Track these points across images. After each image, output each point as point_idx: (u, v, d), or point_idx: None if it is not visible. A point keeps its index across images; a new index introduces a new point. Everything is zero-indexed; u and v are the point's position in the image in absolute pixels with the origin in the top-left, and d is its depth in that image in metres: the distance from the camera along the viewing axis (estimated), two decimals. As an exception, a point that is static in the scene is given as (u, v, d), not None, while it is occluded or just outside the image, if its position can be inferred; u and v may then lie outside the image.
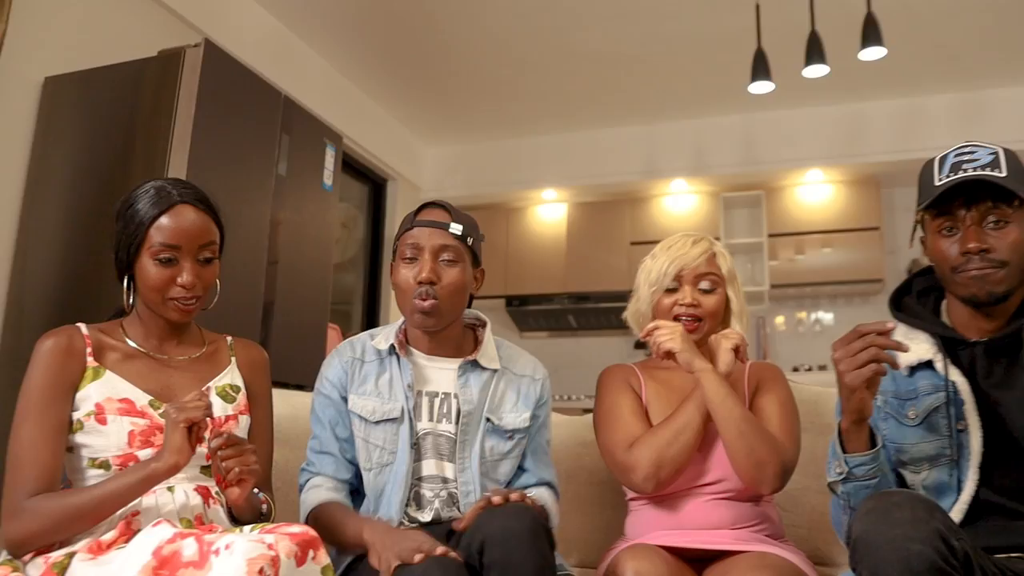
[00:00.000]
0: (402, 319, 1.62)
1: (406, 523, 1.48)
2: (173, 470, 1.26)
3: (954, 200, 1.30)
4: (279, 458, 1.66)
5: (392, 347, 1.57)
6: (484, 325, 1.66)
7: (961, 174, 1.29)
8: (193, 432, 1.26)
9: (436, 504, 1.49)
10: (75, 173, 2.80)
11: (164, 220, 1.37)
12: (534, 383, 1.63)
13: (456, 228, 1.54)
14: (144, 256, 1.38)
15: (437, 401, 1.55)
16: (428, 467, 1.51)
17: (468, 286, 1.57)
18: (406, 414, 1.51)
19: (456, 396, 1.54)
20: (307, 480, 1.55)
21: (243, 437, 1.46)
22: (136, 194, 1.42)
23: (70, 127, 2.86)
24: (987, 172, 1.28)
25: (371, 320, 5.57)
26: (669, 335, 1.60)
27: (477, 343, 1.62)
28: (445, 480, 1.51)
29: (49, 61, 2.94)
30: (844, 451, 1.29)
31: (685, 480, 1.59)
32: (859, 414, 1.26)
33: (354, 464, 1.54)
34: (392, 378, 1.55)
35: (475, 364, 1.58)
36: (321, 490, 1.51)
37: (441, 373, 1.57)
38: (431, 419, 1.53)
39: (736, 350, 1.62)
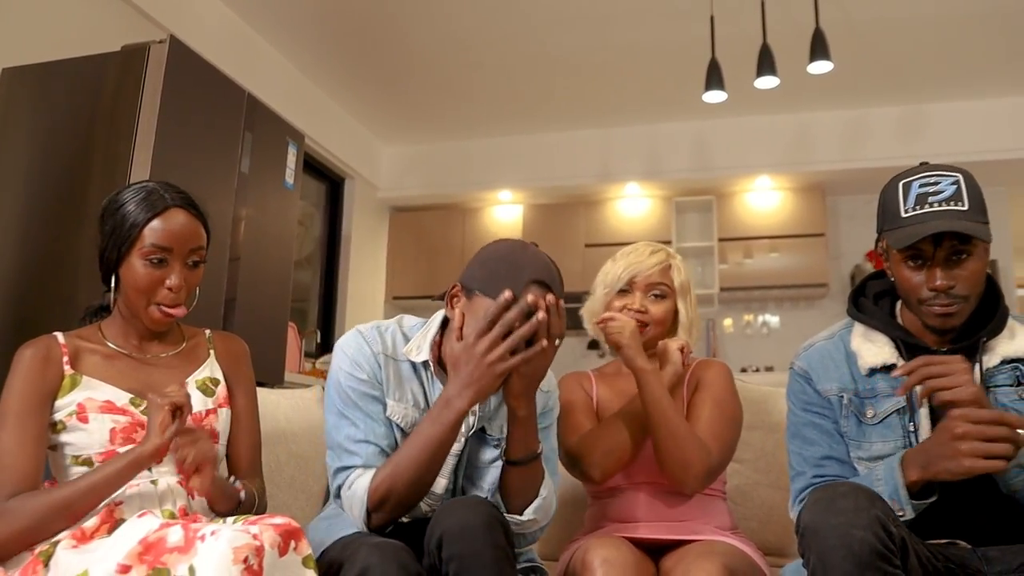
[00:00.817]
0: (436, 328, 1.49)
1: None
2: (158, 452, 1.27)
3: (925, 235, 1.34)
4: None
5: (427, 363, 1.47)
6: None
7: (927, 208, 1.35)
8: (176, 418, 1.29)
9: (430, 516, 1.43)
10: (33, 168, 2.76)
11: (157, 223, 1.39)
12: (541, 393, 1.49)
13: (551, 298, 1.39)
14: (134, 257, 1.39)
15: None
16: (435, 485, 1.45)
17: None
18: None
19: (473, 412, 1.46)
20: (347, 476, 1.37)
21: (222, 431, 1.49)
22: (125, 195, 1.43)
23: (28, 120, 2.83)
24: (952, 206, 1.34)
25: (327, 318, 5.57)
26: (619, 328, 1.67)
27: None
28: (433, 494, 1.46)
29: (7, 52, 2.90)
30: (912, 497, 1.28)
31: (643, 475, 1.67)
32: (942, 480, 1.25)
33: None
34: (427, 393, 1.47)
35: None
36: (372, 473, 1.37)
37: None
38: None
39: (681, 350, 1.72)
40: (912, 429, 1.40)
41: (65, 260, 2.60)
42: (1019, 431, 1.19)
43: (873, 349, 1.46)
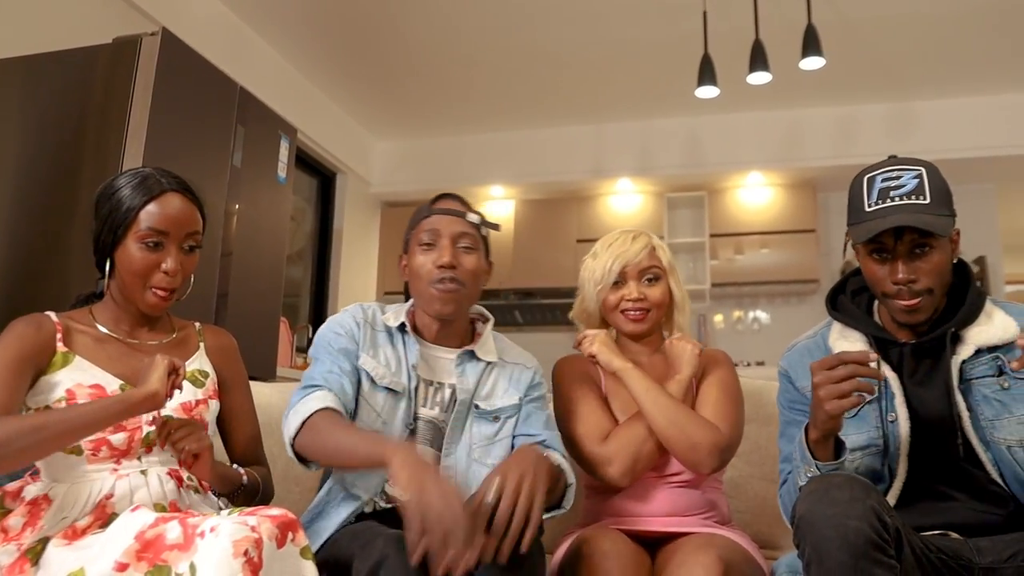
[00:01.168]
0: (410, 302, 1.64)
1: (380, 502, 1.50)
2: (150, 400, 1.26)
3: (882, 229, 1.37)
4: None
5: (403, 325, 1.58)
6: (486, 321, 1.69)
7: (888, 203, 1.38)
8: (170, 379, 1.28)
9: None
10: (23, 161, 2.74)
11: (153, 206, 1.39)
12: (526, 370, 1.66)
13: (473, 217, 1.57)
14: (130, 240, 1.39)
15: (432, 389, 1.57)
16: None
17: (483, 274, 1.60)
18: (408, 393, 1.53)
19: (452, 386, 1.57)
20: (306, 392, 1.43)
21: (211, 421, 1.49)
22: (120, 180, 1.43)
23: (18, 113, 2.80)
24: (913, 200, 1.36)
25: (318, 313, 5.55)
26: (590, 342, 1.72)
27: (475, 336, 1.65)
28: None
29: (-4, 44, 2.88)
30: (815, 458, 1.33)
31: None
32: (831, 432, 1.31)
33: (354, 404, 1.49)
34: (399, 356, 1.56)
35: (472, 355, 1.60)
36: (328, 396, 1.42)
37: (440, 362, 1.59)
38: (424, 405, 1.55)
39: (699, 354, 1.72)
40: (891, 419, 1.42)
41: (56, 254, 2.59)
42: (871, 364, 1.25)
43: (846, 345, 1.48)
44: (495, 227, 1.62)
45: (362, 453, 1.30)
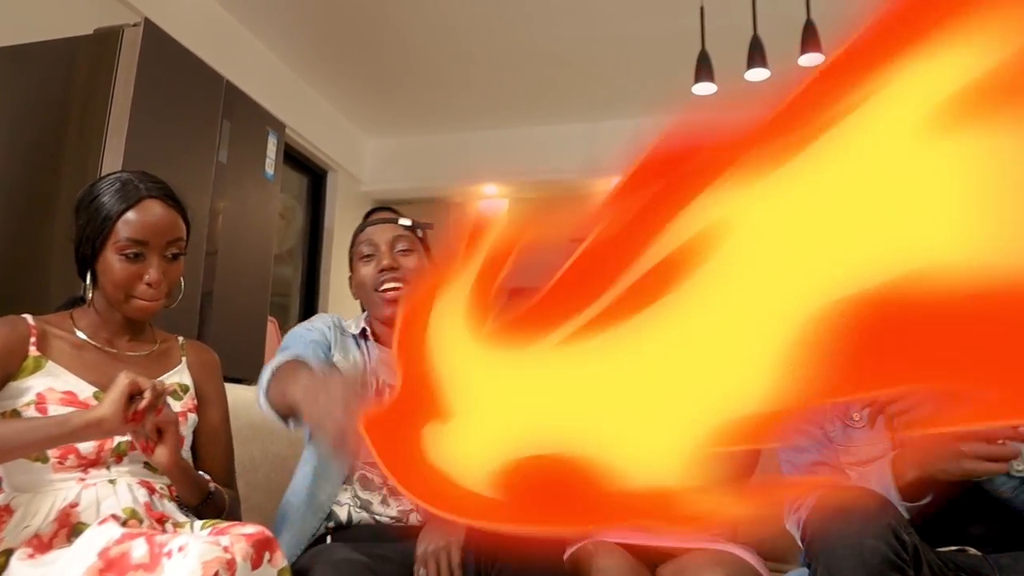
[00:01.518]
0: (366, 313, 1.70)
1: (352, 508, 1.53)
2: (95, 426, 1.16)
3: None
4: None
5: (364, 331, 1.66)
6: None
7: None
8: (132, 405, 1.18)
9: (384, 490, 1.55)
10: None
11: (131, 215, 1.33)
12: None
13: (405, 220, 1.67)
14: (109, 251, 1.33)
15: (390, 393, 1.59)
16: None
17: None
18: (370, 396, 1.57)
19: None
20: (277, 360, 1.44)
21: (187, 435, 1.43)
22: (100, 186, 1.37)
23: (-5, 106, 2.73)
24: None
25: (309, 313, 5.48)
26: None
27: None
28: None
29: (-27, 35, 2.80)
30: (903, 499, 1.24)
31: None
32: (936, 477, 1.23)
33: None
34: (366, 360, 1.64)
35: None
36: (300, 358, 1.44)
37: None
38: None
39: None
40: None
41: (35, 255, 2.52)
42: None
43: None
44: (428, 226, 1.72)
45: (289, 399, 1.24)
